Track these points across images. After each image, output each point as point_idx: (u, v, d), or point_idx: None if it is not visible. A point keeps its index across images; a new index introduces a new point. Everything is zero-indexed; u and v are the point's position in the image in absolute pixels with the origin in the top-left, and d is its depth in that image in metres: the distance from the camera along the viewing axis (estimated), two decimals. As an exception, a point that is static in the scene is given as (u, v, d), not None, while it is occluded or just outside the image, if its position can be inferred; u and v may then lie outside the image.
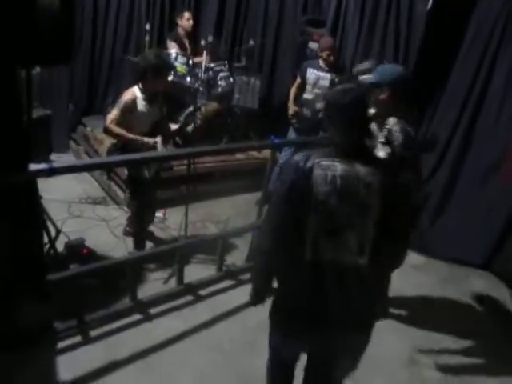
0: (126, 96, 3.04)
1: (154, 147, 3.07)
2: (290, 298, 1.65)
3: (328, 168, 1.51)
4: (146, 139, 3.05)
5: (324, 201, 1.49)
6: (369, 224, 1.52)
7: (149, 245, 3.48)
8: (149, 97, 3.09)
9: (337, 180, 1.49)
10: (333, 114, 1.61)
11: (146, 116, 3.10)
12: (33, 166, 2.21)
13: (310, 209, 1.50)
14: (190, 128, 4.39)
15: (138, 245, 3.27)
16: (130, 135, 3.01)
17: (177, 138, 4.44)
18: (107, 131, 3.03)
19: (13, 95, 2.13)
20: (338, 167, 1.51)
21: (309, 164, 1.52)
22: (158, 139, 3.13)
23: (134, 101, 3.03)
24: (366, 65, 3.69)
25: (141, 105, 3.07)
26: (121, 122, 3.00)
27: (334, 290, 1.56)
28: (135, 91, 3.07)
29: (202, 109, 4.66)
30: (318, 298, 1.57)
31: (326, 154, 1.55)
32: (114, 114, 3.00)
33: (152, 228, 3.65)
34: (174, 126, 3.53)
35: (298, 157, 1.58)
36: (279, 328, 1.77)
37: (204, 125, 4.63)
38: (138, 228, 3.34)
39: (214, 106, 4.80)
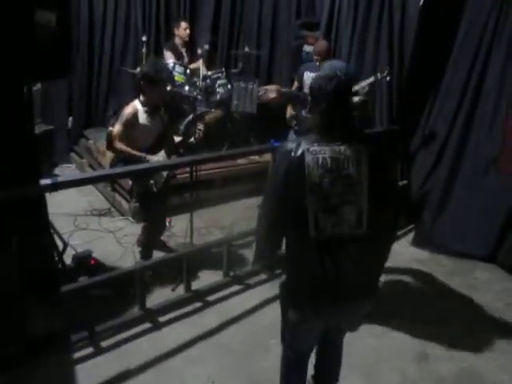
0: (127, 110, 3.06)
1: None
2: (303, 276, 1.74)
3: (318, 152, 1.63)
4: (149, 156, 3.06)
5: (318, 183, 1.62)
6: (363, 199, 1.65)
7: (158, 254, 3.49)
8: (150, 109, 3.10)
9: (327, 162, 1.62)
10: (318, 99, 1.71)
11: (148, 129, 3.12)
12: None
13: (306, 192, 1.62)
14: (192, 140, 4.45)
15: (146, 255, 3.29)
16: (134, 152, 3.03)
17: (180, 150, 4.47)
18: (111, 148, 3.06)
19: (20, 112, 2.17)
20: (327, 150, 1.63)
21: (299, 151, 1.63)
22: (162, 153, 3.16)
23: (135, 114, 3.05)
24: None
25: (142, 118, 3.09)
26: (124, 136, 3.02)
27: (340, 262, 1.68)
28: (136, 104, 3.09)
29: (206, 118, 4.70)
30: (327, 272, 1.68)
31: (314, 140, 1.66)
32: (116, 129, 3.02)
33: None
34: (176, 139, 3.55)
35: (288, 145, 1.69)
36: (298, 310, 1.82)
37: (205, 133, 4.66)
38: (148, 239, 3.35)
39: (216, 114, 4.84)
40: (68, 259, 3.07)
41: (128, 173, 3.04)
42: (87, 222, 3.98)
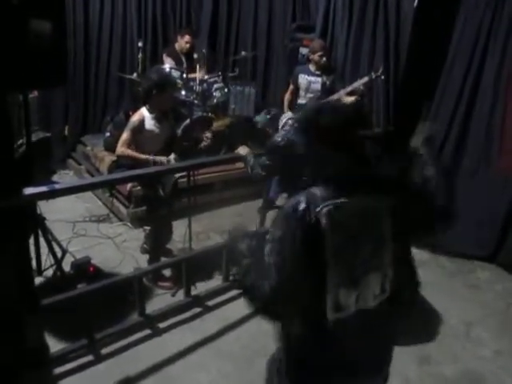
0: (134, 117, 3.12)
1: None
2: (314, 360, 1.43)
3: (337, 211, 1.28)
4: (158, 158, 3.09)
5: (341, 251, 1.30)
6: (386, 261, 1.36)
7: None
8: (157, 115, 3.14)
9: (349, 223, 1.30)
10: (326, 139, 1.36)
11: (156, 135, 3.16)
12: (34, 189, 2.25)
13: (325, 262, 1.28)
14: (202, 144, 4.49)
15: (153, 262, 3.27)
16: (142, 156, 3.06)
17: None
18: (119, 155, 3.10)
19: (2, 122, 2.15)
20: (348, 207, 1.30)
21: (312, 213, 1.28)
22: (172, 157, 3.17)
23: (141, 121, 3.09)
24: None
25: (149, 124, 3.12)
26: (132, 142, 3.07)
27: (361, 339, 1.39)
28: (143, 111, 3.14)
29: (214, 124, 4.72)
30: (346, 352, 1.40)
31: (327, 195, 1.30)
32: (124, 136, 3.07)
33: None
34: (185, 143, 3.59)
35: (294, 204, 1.31)
36: None
37: (216, 140, 4.68)
38: (155, 245, 3.34)
39: (225, 120, 4.85)
40: (67, 266, 3.06)
41: (125, 178, 3.04)
42: (86, 229, 3.96)
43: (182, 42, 4.93)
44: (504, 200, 3.66)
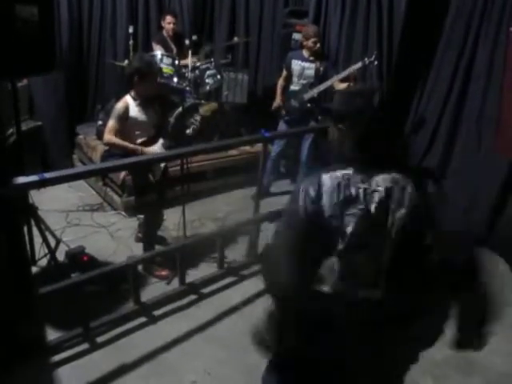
0: (119, 104, 3.07)
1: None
2: None
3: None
4: (145, 149, 3.06)
5: None
6: (386, 249, 1.37)
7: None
8: (143, 102, 3.10)
9: None
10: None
11: (141, 122, 3.11)
12: (25, 178, 2.22)
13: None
14: (189, 131, 4.44)
15: (148, 250, 3.27)
16: (130, 145, 3.03)
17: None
18: (106, 142, 3.07)
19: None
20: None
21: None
22: (159, 144, 3.14)
23: (126, 108, 3.05)
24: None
25: (134, 111, 3.08)
26: (119, 130, 3.02)
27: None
28: (127, 98, 3.09)
29: (200, 110, 4.66)
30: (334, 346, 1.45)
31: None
32: (110, 124, 3.02)
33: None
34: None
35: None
36: None
37: (203, 126, 4.64)
38: (148, 233, 3.33)
39: (212, 106, 4.81)
40: (61, 256, 3.05)
41: (117, 167, 3.01)
42: (79, 218, 3.95)
43: (166, 25, 4.90)
44: (494, 183, 3.66)
